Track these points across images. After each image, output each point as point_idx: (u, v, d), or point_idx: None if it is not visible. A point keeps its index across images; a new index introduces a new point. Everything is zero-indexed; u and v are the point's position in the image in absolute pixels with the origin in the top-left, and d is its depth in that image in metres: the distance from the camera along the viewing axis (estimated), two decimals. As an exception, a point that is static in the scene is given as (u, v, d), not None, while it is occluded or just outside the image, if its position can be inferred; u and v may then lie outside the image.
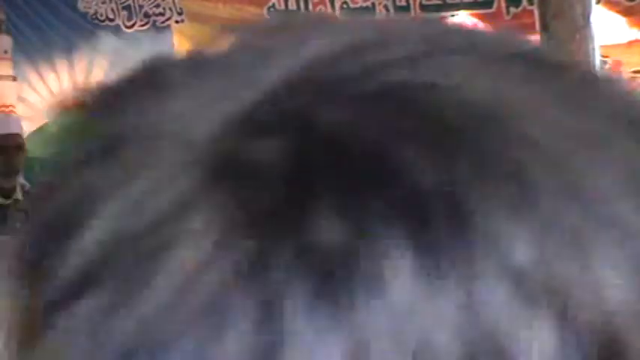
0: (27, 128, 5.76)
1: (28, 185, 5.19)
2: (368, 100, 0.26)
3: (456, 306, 0.24)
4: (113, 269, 0.25)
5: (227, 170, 0.25)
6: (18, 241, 0.29)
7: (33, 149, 5.07)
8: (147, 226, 0.25)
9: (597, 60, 1.58)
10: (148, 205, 0.25)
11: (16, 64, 5.83)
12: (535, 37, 1.80)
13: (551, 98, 0.27)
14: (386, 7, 5.39)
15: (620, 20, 5.10)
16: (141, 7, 5.67)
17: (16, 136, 4.86)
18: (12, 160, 4.78)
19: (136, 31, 5.68)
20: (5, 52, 5.81)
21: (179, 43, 5.66)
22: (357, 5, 5.43)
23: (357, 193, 0.25)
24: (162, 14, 5.65)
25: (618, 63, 5.10)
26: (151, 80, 0.29)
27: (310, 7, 5.45)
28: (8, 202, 4.84)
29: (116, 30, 5.69)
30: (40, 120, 5.79)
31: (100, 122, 0.29)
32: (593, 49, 1.56)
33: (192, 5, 5.65)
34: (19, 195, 4.87)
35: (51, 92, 5.81)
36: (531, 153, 0.25)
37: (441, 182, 0.25)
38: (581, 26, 1.56)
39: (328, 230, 0.24)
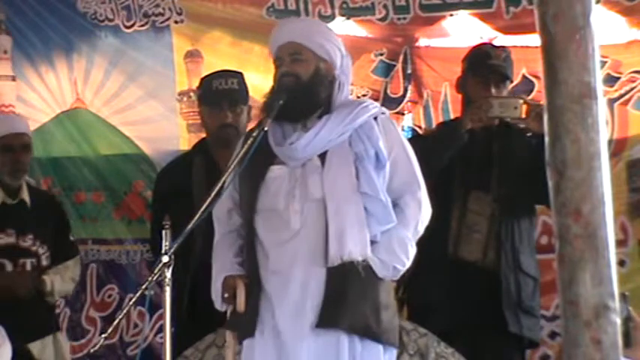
0: (26, 128, 5.75)
1: (33, 181, 5.19)
2: None
3: None
4: None
5: None
6: None
7: (33, 149, 5.07)
8: None
9: (597, 60, 1.58)
10: None
11: (15, 64, 5.82)
12: (535, 38, 1.78)
13: None
14: (385, 7, 5.38)
15: (620, 20, 5.09)
16: (140, 7, 5.66)
17: (23, 136, 4.86)
18: (19, 159, 4.79)
19: (136, 31, 5.67)
20: (5, 52, 5.80)
21: (179, 43, 5.66)
22: (357, 5, 5.42)
23: None
24: (161, 14, 5.64)
25: (618, 63, 5.10)
26: None
27: (310, 7, 5.44)
28: (14, 202, 4.84)
29: (115, 30, 5.68)
30: (40, 120, 5.79)
31: None
32: (593, 49, 1.56)
33: (192, 5, 5.64)
34: (25, 195, 4.87)
35: (50, 92, 5.80)
36: None
37: None
38: (581, 26, 1.55)
39: None
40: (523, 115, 4.10)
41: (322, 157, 3.31)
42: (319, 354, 3.18)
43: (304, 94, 3.32)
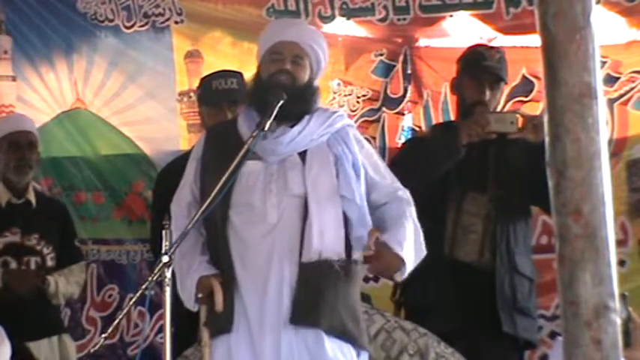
0: (26, 128, 5.75)
1: (39, 187, 5.20)
2: None
3: None
4: None
5: None
6: None
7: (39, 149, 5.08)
8: None
9: (597, 60, 1.58)
10: None
11: (15, 64, 5.82)
12: (535, 38, 1.78)
13: None
14: (385, 8, 5.38)
15: (620, 20, 5.10)
16: (140, 7, 5.66)
17: (29, 134, 4.88)
18: (24, 155, 4.80)
19: (136, 31, 5.67)
20: (5, 52, 5.80)
21: (179, 43, 5.66)
22: (357, 6, 5.42)
23: None
24: (161, 14, 5.64)
25: (618, 63, 5.10)
26: None
27: (310, 7, 5.44)
28: (20, 201, 4.84)
29: (115, 30, 5.68)
30: (40, 120, 5.78)
31: None
32: (594, 49, 1.56)
33: (192, 5, 5.65)
34: (31, 195, 4.88)
35: (50, 92, 5.80)
36: None
37: None
38: (581, 26, 1.55)
39: None
40: (520, 126, 4.12)
41: (302, 155, 3.32)
42: (296, 349, 3.18)
43: (297, 99, 3.33)
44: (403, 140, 5.24)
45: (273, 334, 3.18)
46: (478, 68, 4.27)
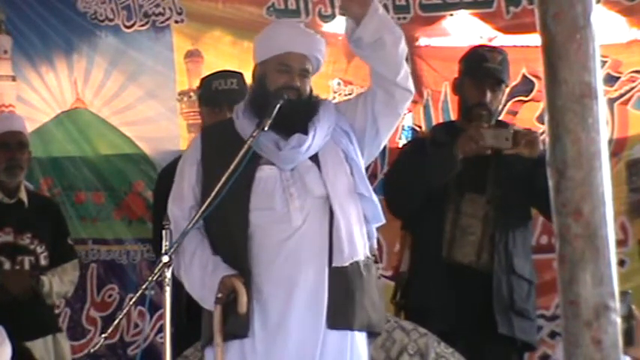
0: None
1: (32, 187, 5.20)
2: None
3: None
4: None
5: None
6: None
7: (32, 149, 5.09)
8: None
9: (598, 60, 1.58)
10: None
11: (15, 64, 5.82)
12: (535, 37, 1.79)
13: None
14: (385, 7, 5.37)
15: (621, 20, 5.09)
16: (140, 6, 5.66)
17: (19, 134, 4.88)
18: (14, 156, 4.80)
19: (136, 31, 5.67)
20: (5, 52, 5.80)
21: (179, 43, 5.66)
22: (357, 5, 5.41)
23: None
24: (162, 14, 5.64)
25: (618, 63, 5.09)
26: None
27: (310, 6, 5.44)
28: (12, 201, 4.85)
29: (116, 30, 5.68)
30: (40, 120, 5.79)
31: None
32: (594, 48, 1.56)
33: (193, 5, 5.65)
34: (23, 195, 4.88)
35: (50, 92, 5.80)
36: None
37: None
38: (581, 26, 1.55)
39: None
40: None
41: (312, 158, 3.33)
42: (330, 352, 3.19)
43: (303, 111, 3.33)
44: (403, 140, 5.24)
45: (299, 337, 3.17)
46: (479, 70, 4.26)
